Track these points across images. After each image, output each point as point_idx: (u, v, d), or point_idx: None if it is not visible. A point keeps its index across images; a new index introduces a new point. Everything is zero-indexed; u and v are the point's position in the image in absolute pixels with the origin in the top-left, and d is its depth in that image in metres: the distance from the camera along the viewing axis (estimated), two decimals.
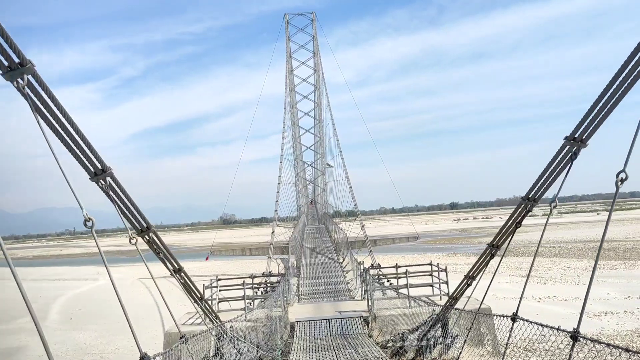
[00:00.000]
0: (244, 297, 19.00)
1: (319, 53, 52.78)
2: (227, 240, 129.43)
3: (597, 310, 25.29)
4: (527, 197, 7.60)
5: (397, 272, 20.81)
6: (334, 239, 38.27)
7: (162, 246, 7.52)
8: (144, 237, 7.02)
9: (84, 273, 71.74)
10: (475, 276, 9.72)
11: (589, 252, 56.10)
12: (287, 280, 21.37)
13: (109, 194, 5.85)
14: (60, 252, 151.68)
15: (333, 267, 31.03)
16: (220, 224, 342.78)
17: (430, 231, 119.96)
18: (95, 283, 57.88)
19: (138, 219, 6.68)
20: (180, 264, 8.28)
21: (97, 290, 51.37)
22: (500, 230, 8.63)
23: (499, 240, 8.79)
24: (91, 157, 5.27)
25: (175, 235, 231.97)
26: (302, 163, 57.18)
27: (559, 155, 6.55)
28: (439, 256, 64.04)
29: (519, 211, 7.94)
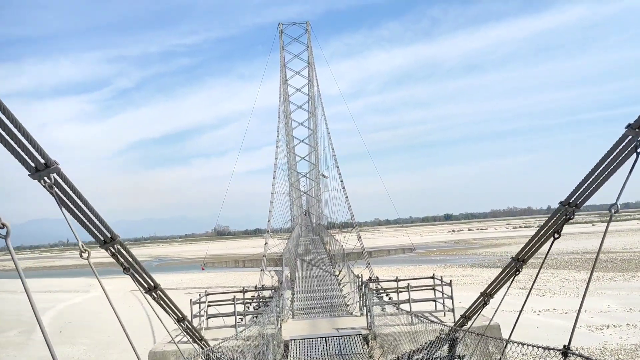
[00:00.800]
0: (234, 313, 18.03)
1: (313, 63, 52.48)
2: (221, 252, 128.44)
3: (599, 323, 24.72)
4: (568, 202, 6.09)
5: (397, 285, 19.84)
6: (329, 251, 37.37)
7: (131, 260, 6.24)
8: (108, 250, 5.69)
9: (76, 285, 70.68)
10: (494, 294, 8.52)
11: (587, 263, 55.64)
12: (280, 294, 20.45)
13: (56, 196, 4.52)
14: (53, 263, 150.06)
15: (329, 280, 29.99)
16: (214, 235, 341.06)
17: (425, 242, 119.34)
18: (86, 295, 56.88)
19: (100, 228, 5.30)
20: (155, 281, 6.92)
21: (88, 302, 50.43)
22: (529, 241, 7.06)
23: (526, 254, 7.31)
24: (30, 150, 4.04)
25: (169, 247, 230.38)
26: (297, 174, 56.62)
27: (615, 149, 5.21)
28: (434, 268, 63.39)
29: (555, 219, 6.37)
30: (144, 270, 6.52)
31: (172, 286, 59.74)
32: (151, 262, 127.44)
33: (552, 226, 6.44)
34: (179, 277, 74.19)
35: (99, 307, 45.91)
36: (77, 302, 51.10)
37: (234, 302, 18.09)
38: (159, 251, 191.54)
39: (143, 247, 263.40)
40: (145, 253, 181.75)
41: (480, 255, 78.61)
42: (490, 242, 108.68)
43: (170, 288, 57.81)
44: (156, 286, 6.96)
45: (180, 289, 55.55)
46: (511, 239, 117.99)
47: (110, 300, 5.55)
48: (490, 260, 68.10)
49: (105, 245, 5.67)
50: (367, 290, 18.61)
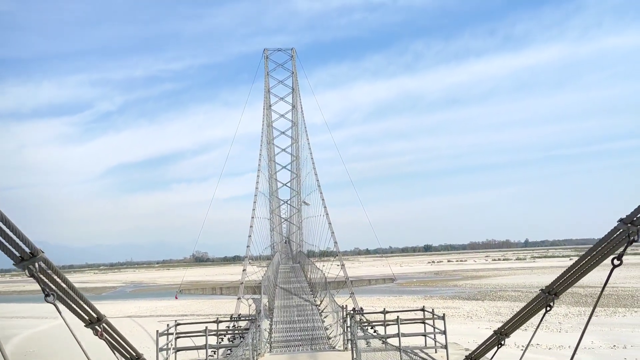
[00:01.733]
0: (206, 346, 16.57)
1: (297, 89, 52.34)
2: (199, 279, 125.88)
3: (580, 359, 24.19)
4: (631, 220, 4.54)
5: (385, 318, 18.65)
6: (310, 279, 36.25)
7: (63, 284, 4.78)
8: (27, 269, 4.21)
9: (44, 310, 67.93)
10: (510, 332, 6.91)
11: (565, 297, 55.43)
12: (257, 325, 19.05)
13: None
14: (24, 287, 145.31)
15: (309, 310, 28.47)
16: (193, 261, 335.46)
17: (405, 273, 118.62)
18: (54, 322, 54.70)
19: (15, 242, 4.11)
20: (99, 311, 5.42)
21: (56, 329, 48.39)
22: (570, 269, 5.48)
23: (561, 285, 5.73)
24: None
25: (145, 273, 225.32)
26: (278, 200, 55.92)
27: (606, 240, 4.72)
28: (415, 299, 62.66)
29: (611, 239, 4.76)
30: (81, 297, 5.13)
31: (146, 314, 57.90)
32: (125, 287, 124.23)
33: (608, 249, 4.86)
34: (153, 304, 72.15)
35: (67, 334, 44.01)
36: (44, 329, 49.06)
37: (205, 333, 16.60)
38: (134, 277, 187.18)
39: (118, 272, 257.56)
40: (120, 278, 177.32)
41: (461, 287, 78.14)
42: (470, 274, 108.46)
43: (143, 315, 55.96)
44: (100, 318, 5.41)
45: (154, 317, 53.85)
46: (491, 271, 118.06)
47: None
48: (471, 292, 67.64)
49: (23, 263, 4.23)
50: (352, 323, 17.29)
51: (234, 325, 19.73)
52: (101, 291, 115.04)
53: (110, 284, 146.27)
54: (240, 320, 19.79)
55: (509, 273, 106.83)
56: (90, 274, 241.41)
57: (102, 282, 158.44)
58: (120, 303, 76.69)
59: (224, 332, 18.88)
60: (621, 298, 51.65)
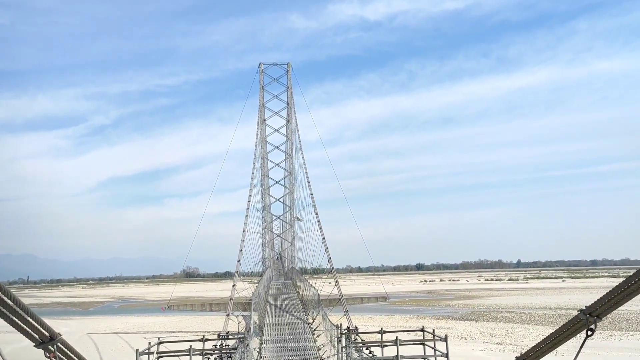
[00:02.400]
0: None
1: (292, 104, 51.93)
2: (188, 294, 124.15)
3: None
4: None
5: (382, 338, 17.67)
6: (302, 296, 35.23)
7: None
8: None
9: None
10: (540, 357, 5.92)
11: (561, 319, 54.71)
12: (246, 344, 17.85)
13: None
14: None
15: (301, 329, 27.16)
16: (183, 277, 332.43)
17: (397, 291, 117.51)
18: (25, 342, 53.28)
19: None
20: (52, 330, 4.71)
21: None
22: (620, 287, 4.51)
23: (606, 306, 4.84)
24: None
25: (134, 288, 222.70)
26: (270, 215, 55.13)
27: None
28: (407, 318, 61.74)
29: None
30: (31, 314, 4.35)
31: (133, 330, 56.62)
32: (113, 303, 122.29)
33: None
34: (141, 320, 70.72)
35: None
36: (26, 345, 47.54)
37: (189, 353, 15.35)
38: (123, 292, 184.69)
39: (107, 287, 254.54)
40: (108, 293, 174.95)
41: (454, 307, 77.24)
42: (463, 294, 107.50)
43: (130, 332, 54.67)
44: (53, 337, 4.72)
45: (141, 333, 52.61)
46: (484, 291, 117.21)
47: None
48: (464, 312, 66.77)
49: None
50: (348, 343, 16.08)
51: (222, 344, 18.49)
52: (89, 306, 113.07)
53: (98, 299, 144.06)
54: (229, 339, 18.47)
55: (502, 293, 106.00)
56: (79, 289, 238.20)
57: (90, 297, 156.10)
58: (107, 319, 75.15)
59: (210, 352, 17.71)
60: (616, 321, 51.01)
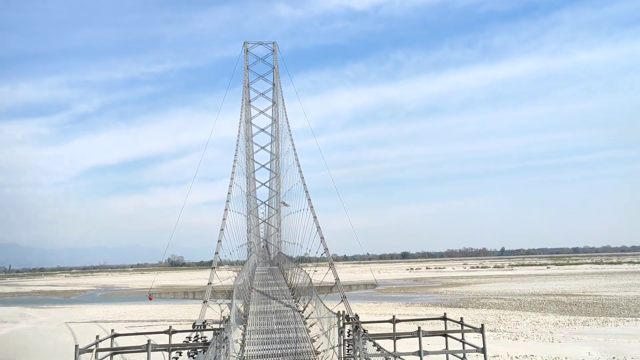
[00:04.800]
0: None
1: (279, 85, 50.14)
2: (172, 283, 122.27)
3: None
4: None
5: (394, 329, 15.12)
6: (291, 283, 33.27)
7: None
8: None
9: (6, 314, 64.65)
10: None
11: (551, 305, 54.15)
12: (224, 337, 14.78)
13: None
14: None
15: (291, 317, 24.45)
16: (168, 266, 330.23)
17: (384, 279, 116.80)
18: (14, 326, 51.39)
19: None
20: None
21: (15, 335, 45.19)
22: None
23: None
24: None
25: (118, 277, 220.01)
26: (255, 200, 53.45)
27: None
28: (396, 305, 60.76)
29: None
30: None
31: (114, 319, 54.81)
32: (96, 292, 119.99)
33: None
34: (123, 308, 68.87)
35: (25, 341, 40.94)
36: (1, 334, 45.68)
37: (147, 349, 11.98)
38: (106, 280, 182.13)
39: (92, 275, 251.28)
40: (92, 282, 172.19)
41: (442, 294, 76.54)
42: (449, 281, 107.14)
43: (111, 320, 52.87)
44: None
45: (122, 322, 50.84)
46: (470, 278, 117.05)
47: None
48: (453, 299, 65.99)
49: None
50: (357, 336, 12.96)
51: (197, 335, 15.65)
52: (70, 295, 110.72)
53: (80, 287, 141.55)
54: (206, 330, 15.50)
55: (489, 280, 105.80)
56: (62, 277, 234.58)
57: (73, 285, 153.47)
58: (88, 307, 73.15)
59: (178, 346, 14.73)
60: (606, 307, 50.46)
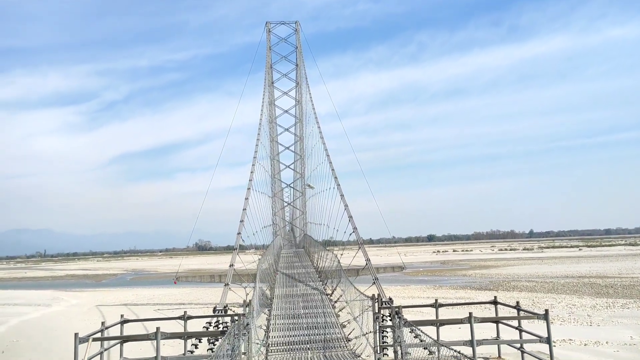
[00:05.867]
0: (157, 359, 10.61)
1: (302, 65, 49.14)
2: (199, 267, 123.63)
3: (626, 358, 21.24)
4: None
5: (437, 314, 13.97)
6: (317, 265, 32.45)
7: None
8: None
9: (40, 298, 65.99)
10: None
11: (585, 288, 52.54)
12: (244, 325, 13.49)
13: None
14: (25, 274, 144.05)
15: (319, 301, 23.06)
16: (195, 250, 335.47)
17: (410, 262, 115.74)
18: (47, 309, 52.28)
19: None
20: None
21: (47, 317, 45.93)
22: None
23: None
24: None
25: (147, 261, 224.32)
26: (280, 183, 52.90)
27: None
28: (423, 288, 59.91)
29: None
30: None
31: (143, 301, 55.34)
32: (126, 275, 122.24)
33: None
34: (152, 291, 69.62)
35: (56, 323, 41.47)
36: (35, 317, 46.45)
37: (157, 337, 10.53)
38: (136, 265, 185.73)
39: (122, 260, 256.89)
40: (122, 266, 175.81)
41: (471, 276, 75.26)
42: (477, 264, 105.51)
43: (140, 303, 53.38)
44: None
45: (151, 305, 51.26)
46: (499, 260, 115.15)
47: None
48: (482, 282, 64.75)
49: None
50: (399, 322, 11.34)
51: (217, 321, 14.13)
52: (101, 278, 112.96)
53: (111, 271, 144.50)
54: (227, 315, 14.08)
55: (519, 263, 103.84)
56: (94, 262, 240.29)
57: (104, 269, 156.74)
58: (118, 290, 74.27)
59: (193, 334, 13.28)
60: None
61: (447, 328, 13.08)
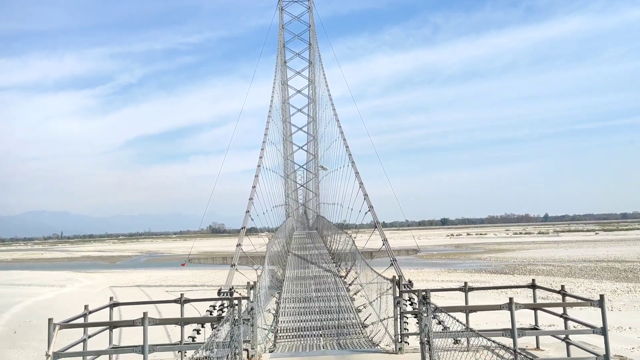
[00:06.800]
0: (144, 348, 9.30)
1: (316, 44, 48.07)
2: (213, 249, 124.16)
3: None
4: None
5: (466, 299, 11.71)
6: (330, 247, 31.66)
7: None
8: None
9: (55, 278, 66.49)
10: None
11: (603, 272, 51.42)
12: (249, 309, 12.30)
13: None
14: (41, 255, 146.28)
15: (332, 284, 21.83)
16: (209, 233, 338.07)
17: (424, 245, 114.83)
18: (61, 290, 52.55)
19: None
20: None
21: (61, 298, 46.11)
22: None
23: None
24: None
25: (162, 243, 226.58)
26: (293, 164, 52.18)
27: None
28: (438, 272, 59.28)
29: None
30: None
31: (155, 283, 55.41)
32: (140, 257, 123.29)
33: None
34: (165, 273, 69.85)
35: (70, 304, 41.51)
36: (49, 297, 46.67)
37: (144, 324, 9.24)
38: (151, 247, 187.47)
39: (137, 242, 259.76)
40: (137, 248, 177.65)
41: (485, 260, 74.36)
42: (492, 247, 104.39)
43: (152, 285, 53.44)
44: None
45: (163, 286, 51.30)
46: (514, 244, 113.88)
47: None
48: (498, 266, 63.85)
49: None
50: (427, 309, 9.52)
51: (222, 304, 12.80)
52: (116, 260, 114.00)
53: (126, 253, 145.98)
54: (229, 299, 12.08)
55: (534, 247, 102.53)
56: (109, 244, 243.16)
57: (119, 251, 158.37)
58: (132, 272, 74.68)
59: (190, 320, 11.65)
60: None
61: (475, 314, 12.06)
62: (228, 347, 9.06)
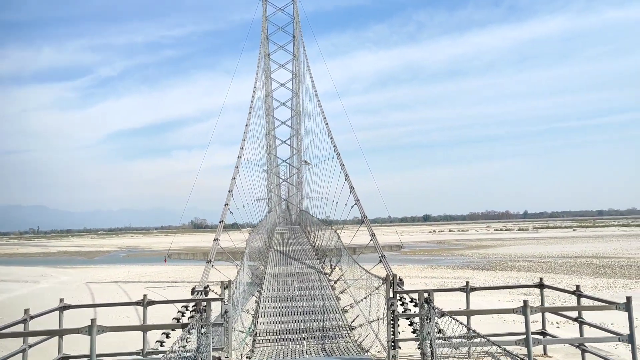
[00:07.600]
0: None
1: (300, 37, 47.33)
2: (194, 245, 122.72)
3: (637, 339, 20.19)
4: None
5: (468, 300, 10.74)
6: (314, 242, 30.98)
7: None
8: None
9: (28, 274, 64.80)
10: None
11: (582, 268, 51.80)
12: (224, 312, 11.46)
13: None
14: (16, 250, 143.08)
15: (316, 281, 20.91)
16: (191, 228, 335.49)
17: (406, 242, 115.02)
18: (34, 286, 51.10)
19: None
20: None
21: (33, 295, 44.75)
22: None
23: None
24: None
25: (142, 238, 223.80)
26: (276, 158, 51.47)
27: None
28: (421, 268, 59.13)
29: None
30: None
31: (134, 279, 54.27)
32: (119, 252, 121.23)
33: None
34: (144, 269, 68.56)
35: (43, 301, 40.33)
36: (21, 293, 45.30)
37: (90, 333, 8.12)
38: (130, 242, 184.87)
39: (117, 237, 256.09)
40: (116, 243, 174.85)
41: (468, 256, 74.62)
42: (474, 244, 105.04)
43: (131, 281, 52.32)
44: None
45: (142, 282, 50.19)
46: (495, 240, 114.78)
47: None
48: (480, 262, 64.07)
49: None
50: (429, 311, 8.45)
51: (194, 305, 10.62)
52: (94, 255, 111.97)
53: (105, 248, 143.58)
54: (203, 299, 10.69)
55: (514, 243, 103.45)
56: (88, 239, 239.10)
57: (97, 246, 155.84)
58: (110, 268, 73.18)
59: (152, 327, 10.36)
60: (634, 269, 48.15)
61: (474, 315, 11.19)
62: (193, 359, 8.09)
